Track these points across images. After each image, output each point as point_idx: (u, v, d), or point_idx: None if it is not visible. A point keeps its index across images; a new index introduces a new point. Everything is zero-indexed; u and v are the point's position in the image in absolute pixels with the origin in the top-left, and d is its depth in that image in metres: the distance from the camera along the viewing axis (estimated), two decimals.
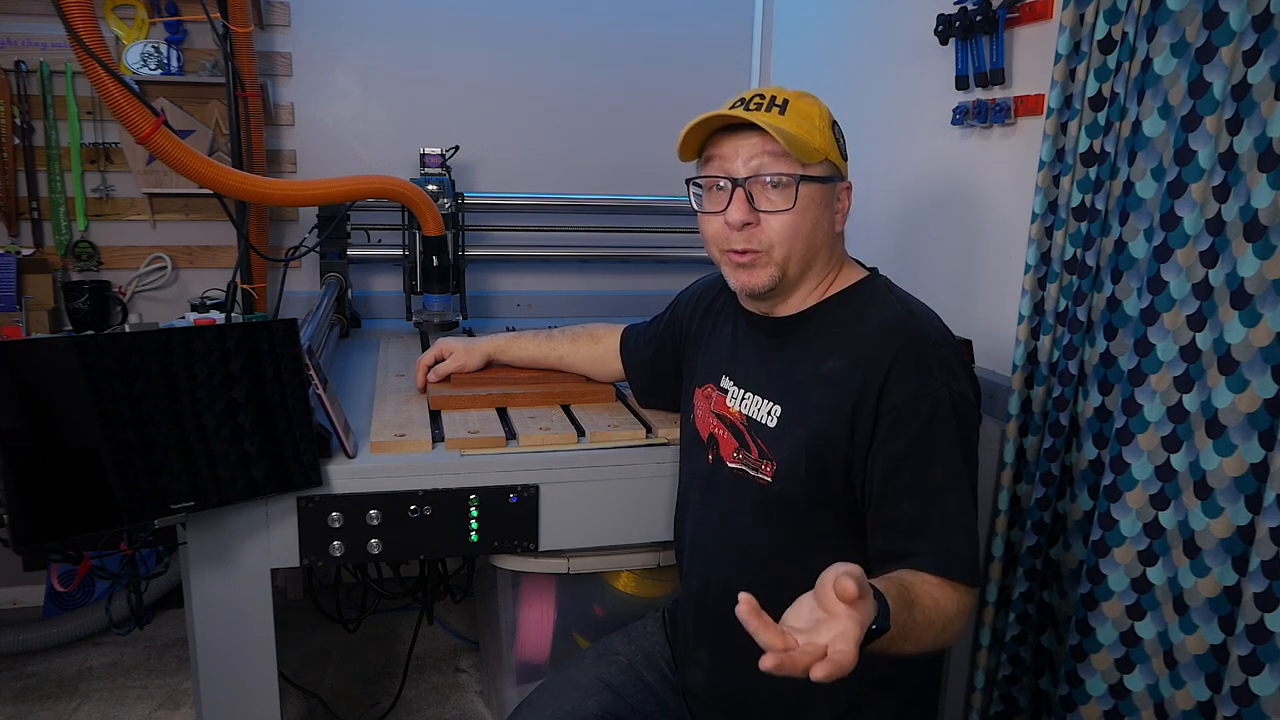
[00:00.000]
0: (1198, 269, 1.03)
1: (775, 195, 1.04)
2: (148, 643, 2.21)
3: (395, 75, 2.28)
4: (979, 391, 1.07)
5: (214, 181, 1.34)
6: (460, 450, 1.29)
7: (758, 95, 1.06)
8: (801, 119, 1.04)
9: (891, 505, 0.99)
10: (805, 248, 1.06)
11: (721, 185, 1.07)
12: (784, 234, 1.04)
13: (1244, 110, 0.98)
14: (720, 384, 1.18)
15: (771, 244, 1.05)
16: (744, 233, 1.05)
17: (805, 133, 1.03)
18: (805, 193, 1.04)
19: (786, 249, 1.05)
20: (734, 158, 1.05)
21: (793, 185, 1.03)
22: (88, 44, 1.14)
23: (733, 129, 1.06)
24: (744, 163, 1.04)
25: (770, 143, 1.03)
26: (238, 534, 1.21)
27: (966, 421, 1.01)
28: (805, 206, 1.04)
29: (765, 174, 1.04)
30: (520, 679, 1.60)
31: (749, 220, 1.04)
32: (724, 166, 1.06)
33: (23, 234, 2.13)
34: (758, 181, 1.04)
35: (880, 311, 1.07)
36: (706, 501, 1.17)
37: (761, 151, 1.04)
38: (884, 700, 1.11)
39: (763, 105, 1.04)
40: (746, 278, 1.08)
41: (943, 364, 1.01)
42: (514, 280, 2.46)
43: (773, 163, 1.03)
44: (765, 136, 1.03)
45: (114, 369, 1.03)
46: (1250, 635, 0.95)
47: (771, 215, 1.04)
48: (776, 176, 1.03)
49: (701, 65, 2.44)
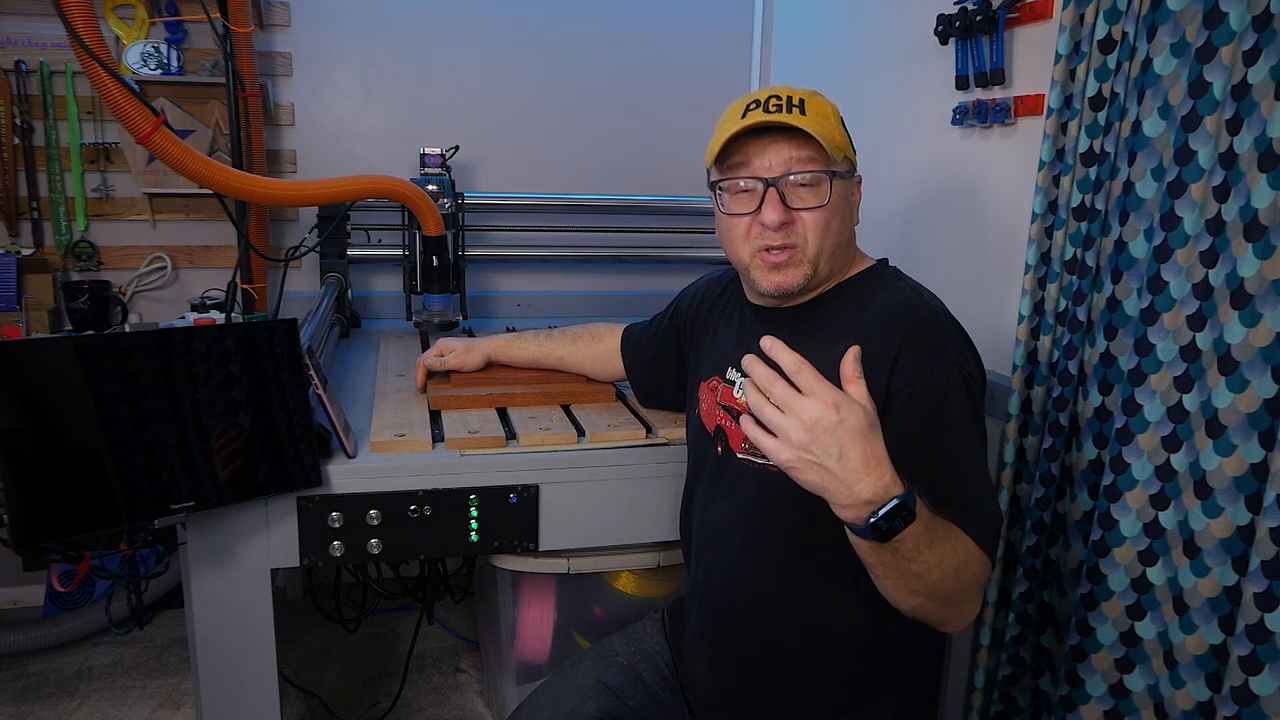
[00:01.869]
0: (1198, 269, 1.03)
1: (807, 193, 1.05)
2: (148, 643, 2.20)
3: (395, 75, 2.28)
4: (985, 376, 1.08)
5: (214, 181, 1.34)
6: (460, 450, 1.29)
7: (774, 96, 1.06)
8: (821, 117, 1.05)
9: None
10: (835, 243, 1.07)
11: (746, 186, 1.07)
12: (817, 230, 1.05)
13: (1244, 110, 0.98)
14: (726, 376, 1.18)
15: (806, 240, 1.06)
16: (780, 231, 1.05)
17: (828, 130, 1.04)
18: (836, 189, 1.05)
19: (818, 245, 1.06)
20: (764, 160, 1.05)
21: (825, 182, 1.04)
22: (88, 44, 1.14)
23: (758, 131, 1.06)
24: (774, 163, 1.05)
25: (800, 143, 1.04)
26: (238, 534, 1.21)
27: (978, 401, 1.02)
28: (836, 203, 1.06)
29: (799, 172, 1.04)
30: (520, 679, 1.60)
31: (785, 219, 1.05)
32: (753, 168, 1.06)
33: (23, 234, 2.13)
34: (788, 181, 1.05)
35: (891, 295, 1.08)
36: (714, 493, 1.17)
37: (793, 151, 1.04)
38: (885, 695, 1.11)
39: (782, 106, 1.04)
40: (780, 278, 1.07)
41: (954, 344, 1.02)
42: (514, 280, 2.45)
43: (805, 162, 1.04)
44: (792, 137, 1.04)
45: (114, 369, 1.03)
46: (1250, 635, 0.95)
47: (806, 213, 1.05)
48: (811, 175, 1.04)
49: (701, 65, 2.44)
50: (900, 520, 0.82)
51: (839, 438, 0.81)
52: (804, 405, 0.81)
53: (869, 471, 0.81)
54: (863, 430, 0.82)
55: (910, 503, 0.83)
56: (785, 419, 0.82)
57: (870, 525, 0.82)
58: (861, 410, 0.83)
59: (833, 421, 0.80)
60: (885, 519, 0.82)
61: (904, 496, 0.83)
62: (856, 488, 0.81)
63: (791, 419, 0.81)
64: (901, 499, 0.82)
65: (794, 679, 1.11)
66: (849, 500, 0.82)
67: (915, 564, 0.86)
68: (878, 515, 0.82)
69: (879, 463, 0.82)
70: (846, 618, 1.06)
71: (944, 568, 0.88)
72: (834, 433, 0.80)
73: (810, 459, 0.81)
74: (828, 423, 0.80)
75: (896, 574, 0.88)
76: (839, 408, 0.81)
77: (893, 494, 0.82)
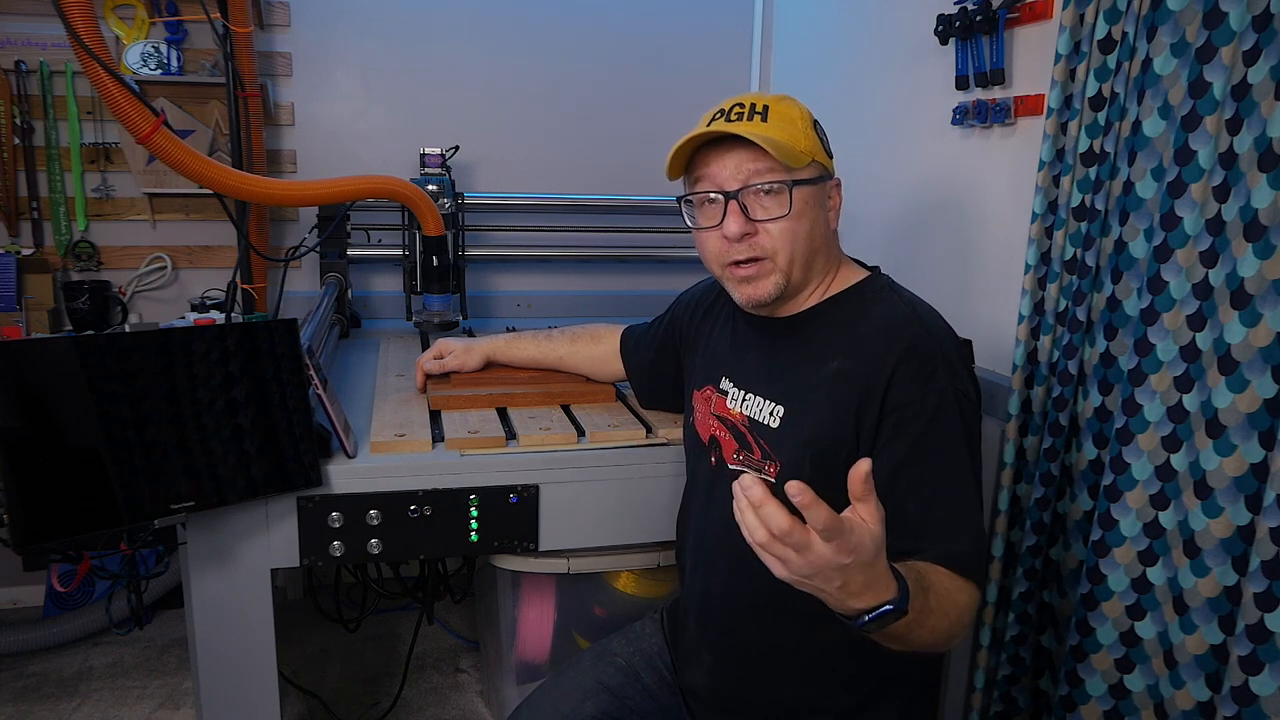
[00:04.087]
0: (1198, 269, 1.03)
1: (770, 202, 1.04)
2: (148, 643, 2.21)
3: (395, 75, 2.28)
4: (979, 391, 1.07)
5: (214, 181, 1.34)
6: (460, 450, 1.29)
7: (737, 105, 1.05)
8: (785, 123, 1.04)
9: (896, 505, 0.98)
10: (806, 250, 1.06)
11: (713, 199, 1.06)
12: (784, 239, 1.04)
13: (1244, 110, 0.98)
14: (720, 386, 1.18)
15: (775, 250, 1.05)
16: (744, 243, 1.04)
17: (790, 137, 1.03)
18: (799, 196, 1.04)
19: (789, 254, 1.05)
20: (721, 171, 1.04)
21: (786, 191, 1.03)
22: (88, 44, 1.14)
23: (718, 141, 1.05)
24: (733, 175, 1.04)
25: (757, 152, 1.02)
26: (238, 534, 1.21)
27: (971, 420, 1.01)
28: (801, 210, 1.04)
29: (757, 183, 1.03)
30: (520, 679, 1.60)
31: (747, 230, 1.04)
32: (714, 180, 1.05)
33: (23, 234, 2.13)
34: (750, 191, 1.03)
35: (885, 311, 1.07)
36: (709, 504, 1.17)
37: (750, 161, 1.03)
38: (885, 701, 1.11)
39: (744, 115, 1.03)
40: (751, 290, 1.07)
41: (947, 364, 1.01)
42: (514, 280, 2.46)
43: (763, 171, 1.03)
44: (749, 146, 1.02)
45: (114, 369, 1.03)
46: (1250, 635, 0.95)
47: (769, 223, 1.04)
48: (769, 184, 1.03)
49: (701, 65, 2.44)
50: (891, 619, 0.80)
51: (845, 573, 0.76)
52: (816, 550, 0.74)
53: (866, 591, 0.78)
54: (869, 562, 0.77)
55: (902, 606, 0.80)
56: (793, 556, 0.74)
57: (859, 626, 0.80)
58: (871, 540, 0.76)
59: (841, 564, 0.75)
60: (875, 622, 0.80)
61: (896, 603, 0.79)
62: (851, 603, 0.79)
63: (800, 558, 0.74)
64: (893, 605, 0.79)
65: (795, 686, 1.11)
66: (841, 609, 0.80)
67: (905, 639, 0.85)
68: (867, 620, 0.79)
69: (877, 580, 0.78)
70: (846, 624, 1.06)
71: (936, 635, 0.87)
72: (841, 570, 0.76)
73: (809, 585, 0.77)
74: (835, 565, 0.75)
75: (886, 642, 0.86)
76: (851, 554, 0.75)
77: (885, 601, 0.79)
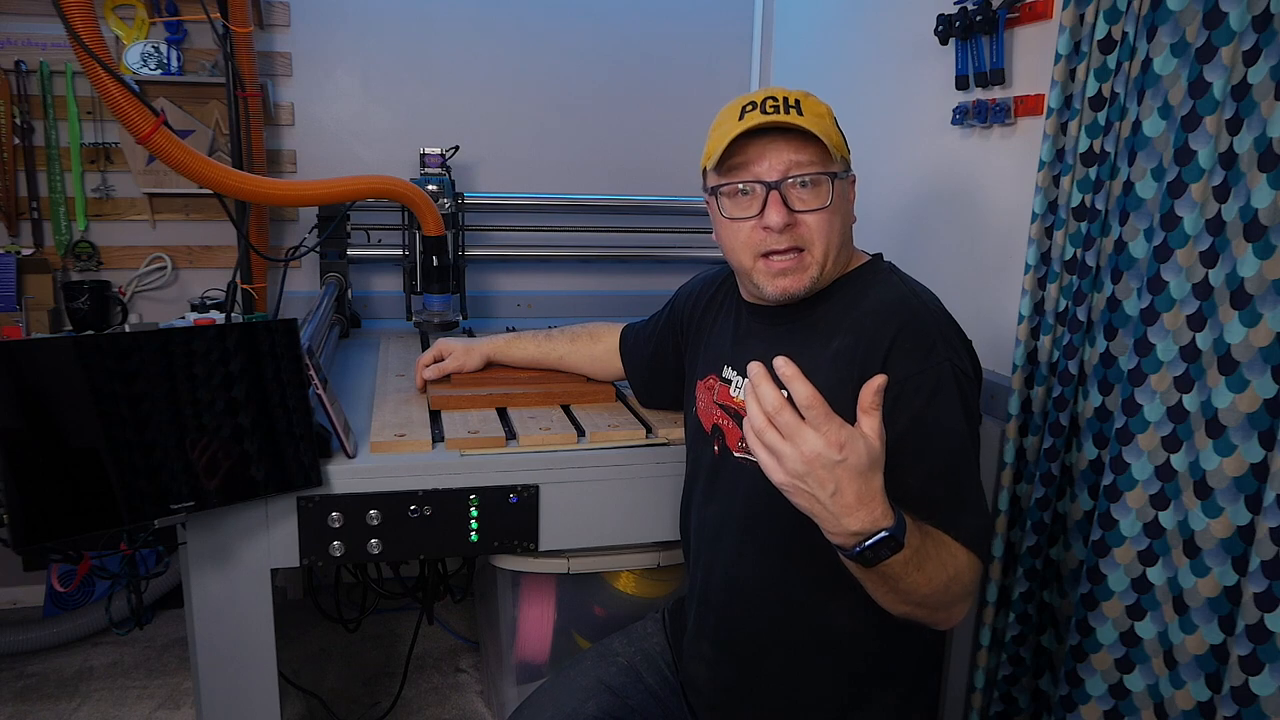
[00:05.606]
0: (1198, 269, 1.03)
1: (808, 195, 1.04)
2: (148, 643, 2.20)
3: (395, 75, 2.28)
4: (979, 369, 1.08)
5: (214, 181, 1.34)
6: (460, 450, 1.29)
7: (770, 97, 1.05)
8: (817, 117, 1.05)
9: (897, 482, 0.99)
10: (839, 243, 1.07)
11: (746, 190, 1.06)
12: (822, 231, 1.05)
13: (1244, 110, 0.98)
14: (723, 374, 1.18)
15: (812, 241, 1.05)
16: (785, 234, 1.05)
17: (826, 130, 1.04)
18: (837, 189, 1.05)
19: (824, 246, 1.06)
20: (762, 161, 1.04)
21: (827, 183, 1.04)
22: (88, 44, 1.14)
23: (756, 133, 1.05)
24: (773, 166, 1.04)
25: (799, 144, 1.03)
26: (238, 534, 1.21)
27: (969, 396, 1.02)
28: (837, 203, 1.06)
29: (798, 175, 1.03)
30: (520, 679, 1.60)
31: (789, 222, 1.04)
32: (753, 171, 1.05)
33: (23, 234, 2.13)
34: (789, 183, 1.04)
35: (883, 291, 1.07)
36: (712, 492, 1.17)
37: (792, 153, 1.04)
38: (886, 692, 1.11)
39: (779, 107, 1.04)
40: (787, 283, 1.07)
41: (945, 340, 1.01)
42: (514, 280, 2.46)
43: (805, 164, 1.04)
44: (791, 139, 1.03)
45: (114, 369, 1.03)
46: (1250, 635, 0.95)
47: (809, 214, 1.04)
48: (812, 175, 1.03)
49: (701, 65, 2.44)
50: (886, 550, 0.82)
51: (836, 475, 0.79)
52: (807, 438, 0.78)
53: (861, 507, 0.80)
54: (862, 469, 0.79)
55: (898, 534, 0.82)
56: (785, 446, 0.79)
57: (856, 554, 0.82)
58: (866, 448, 0.80)
59: (833, 460, 0.78)
60: (871, 549, 0.82)
61: (892, 529, 0.81)
62: (845, 521, 0.80)
63: (792, 448, 0.79)
64: (890, 531, 0.81)
65: (795, 677, 1.11)
66: (836, 530, 0.82)
67: (903, 584, 0.86)
68: (864, 546, 0.81)
69: (872, 498, 0.81)
70: (846, 615, 1.06)
71: (933, 584, 0.88)
72: (832, 470, 0.78)
73: (803, 488, 0.80)
74: (828, 460, 0.78)
75: (884, 590, 0.88)
76: (843, 447, 0.78)
77: (881, 527, 0.81)
